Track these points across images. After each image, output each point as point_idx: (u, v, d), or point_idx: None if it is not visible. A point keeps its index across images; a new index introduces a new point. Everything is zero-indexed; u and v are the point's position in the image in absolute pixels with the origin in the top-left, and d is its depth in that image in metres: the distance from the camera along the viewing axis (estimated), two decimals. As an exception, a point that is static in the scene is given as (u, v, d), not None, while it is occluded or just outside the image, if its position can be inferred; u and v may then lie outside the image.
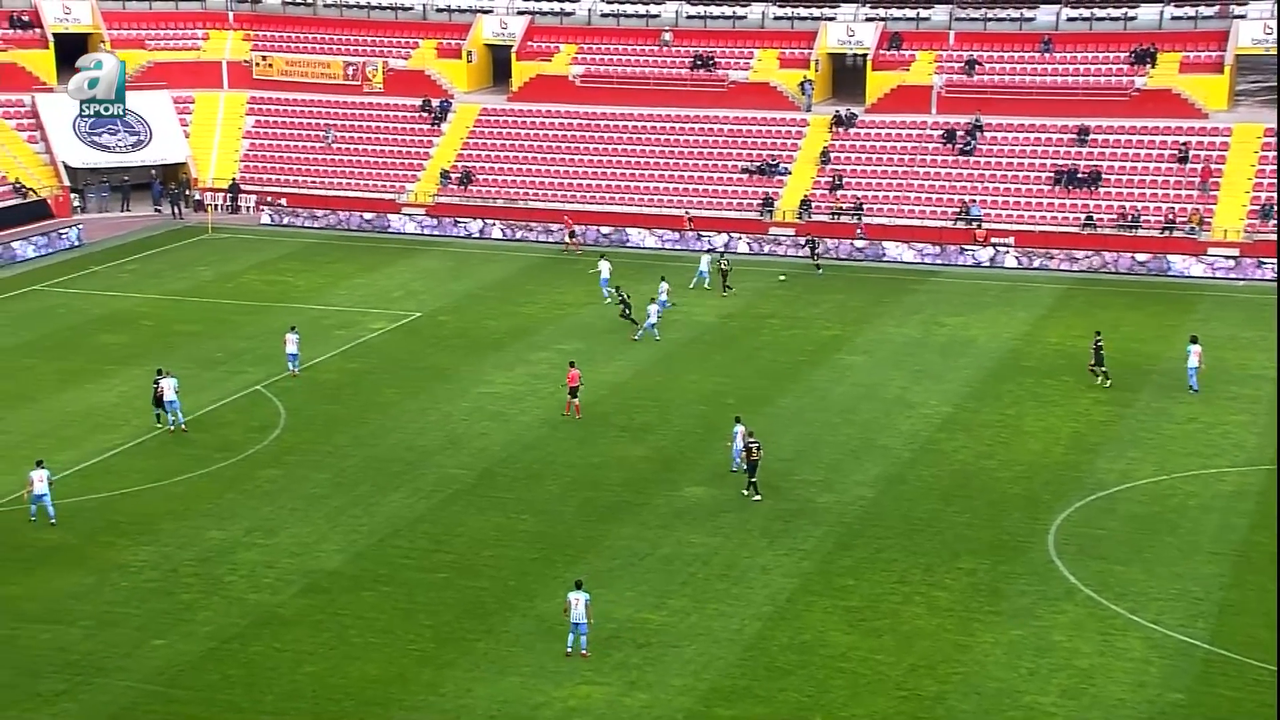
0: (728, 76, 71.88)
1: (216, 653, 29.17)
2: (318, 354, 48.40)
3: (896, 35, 71.33)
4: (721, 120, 70.26)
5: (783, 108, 70.50)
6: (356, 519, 35.73)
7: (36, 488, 35.14)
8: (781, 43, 73.01)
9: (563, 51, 74.75)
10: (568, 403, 42.65)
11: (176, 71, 74.53)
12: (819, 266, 59.85)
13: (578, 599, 29.01)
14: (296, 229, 67.38)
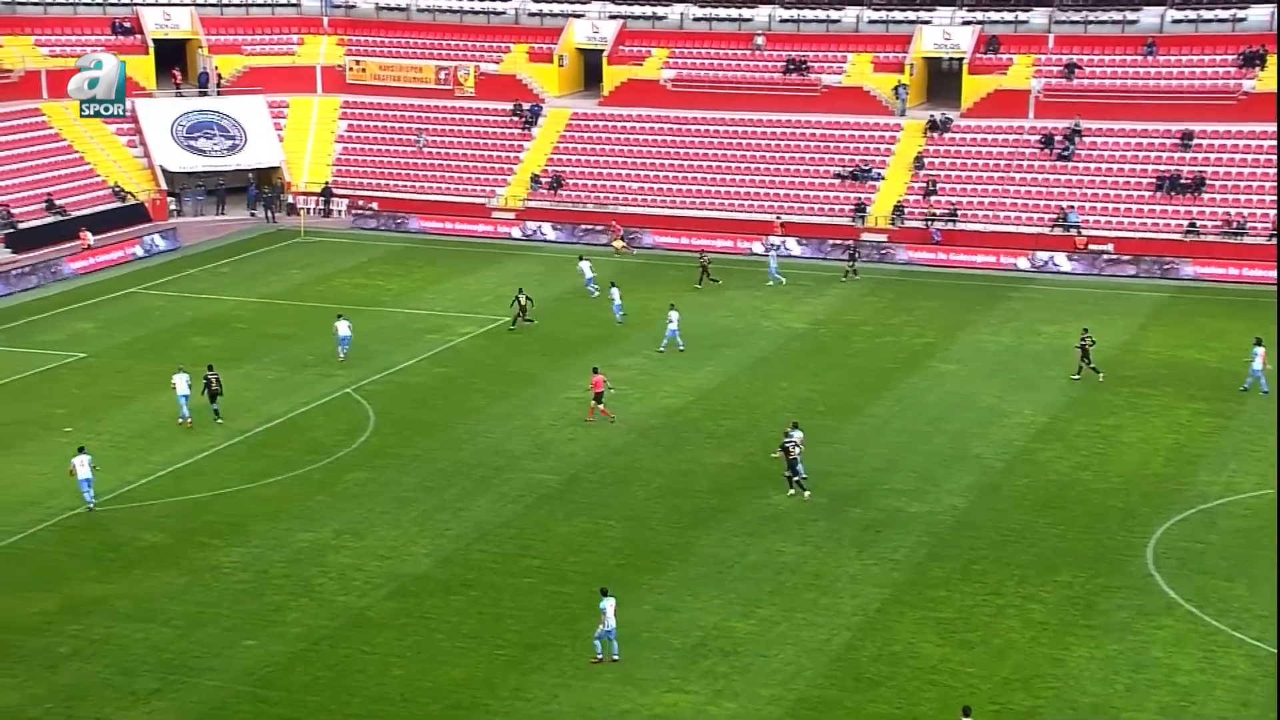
0: (820, 81, 71.60)
1: (306, 654, 29.57)
2: (406, 358, 48.94)
3: (994, 38, 70.61)
4: (814, 125, 70.02)
5: (876, 112, 70.08)
6: (444, 523, 36.05)
7: (80, 473, 35.89)
8: (876, 46, 72.59)
9: (654, 56, 74.93)
10: (591, 408, 42.77)
11: (272, 76, 75.80)
12: (855, 272, 59.30)
13: (609, 605, 29.05)
14: (387, 233, 68.16)
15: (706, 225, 66.06)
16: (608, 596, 29.43)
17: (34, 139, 68.34)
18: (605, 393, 42.69)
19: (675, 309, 50.04)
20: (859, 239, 61.66)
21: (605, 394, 42.57)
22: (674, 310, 49.91)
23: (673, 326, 49.49)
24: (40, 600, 31.40)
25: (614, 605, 29.26)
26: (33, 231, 62.80)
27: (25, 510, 36.02)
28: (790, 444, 37.14)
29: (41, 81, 71.07)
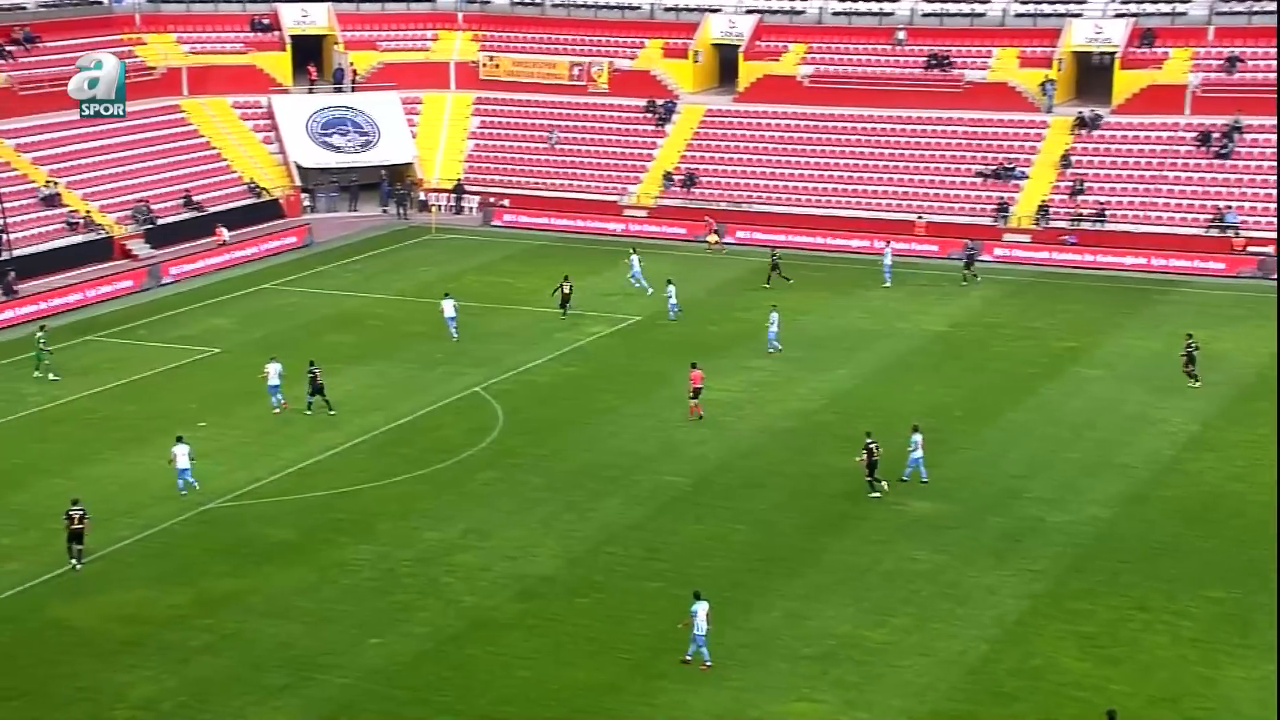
0: (964, 76, 70.63)
1: (432, 654, 29.95)
2: (535, 357, 49.36)
3: (1149, 32, 68.99)
4: (956, 122, 69.11)
5: (1021, 109, 68.95)
6: (571, 524, 36.28)
7: (179, 462, 37.10)
8: (1022, 41, 71.37)
9: (791, 51, 74.58)
10: (692, 405, 42.95)
11: (405, 72, 77.00)
12: (976, 276, 58.24)
13: (701, 608, 28.97)
14: (519, 230, 68.81)
15: (843, 225, 65.59)
16: (700, 600, 29.34)
17: (174, 135, 70.32)
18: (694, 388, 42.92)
19: (776, 310, 49.84)
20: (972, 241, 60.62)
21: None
22: (775, 312, 49.74)
23: (773, 329, 49.20)
24: (174, 594, 32.28)
25: (706, 609, 29.10)
26: (171, 227, 64.58)
27: (160, 504, 37.06)
28: (874, 445, 36.99)
29: (182, 78, 73.11)
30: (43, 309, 54.28)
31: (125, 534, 35.23)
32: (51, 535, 34.91)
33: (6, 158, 62.24)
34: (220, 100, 73.27)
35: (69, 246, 60.38)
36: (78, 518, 33.61)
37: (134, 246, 62.62)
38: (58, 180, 63.03)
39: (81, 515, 33.68)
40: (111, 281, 57.97)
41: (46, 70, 68.59)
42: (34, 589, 32.36)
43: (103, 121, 67.56)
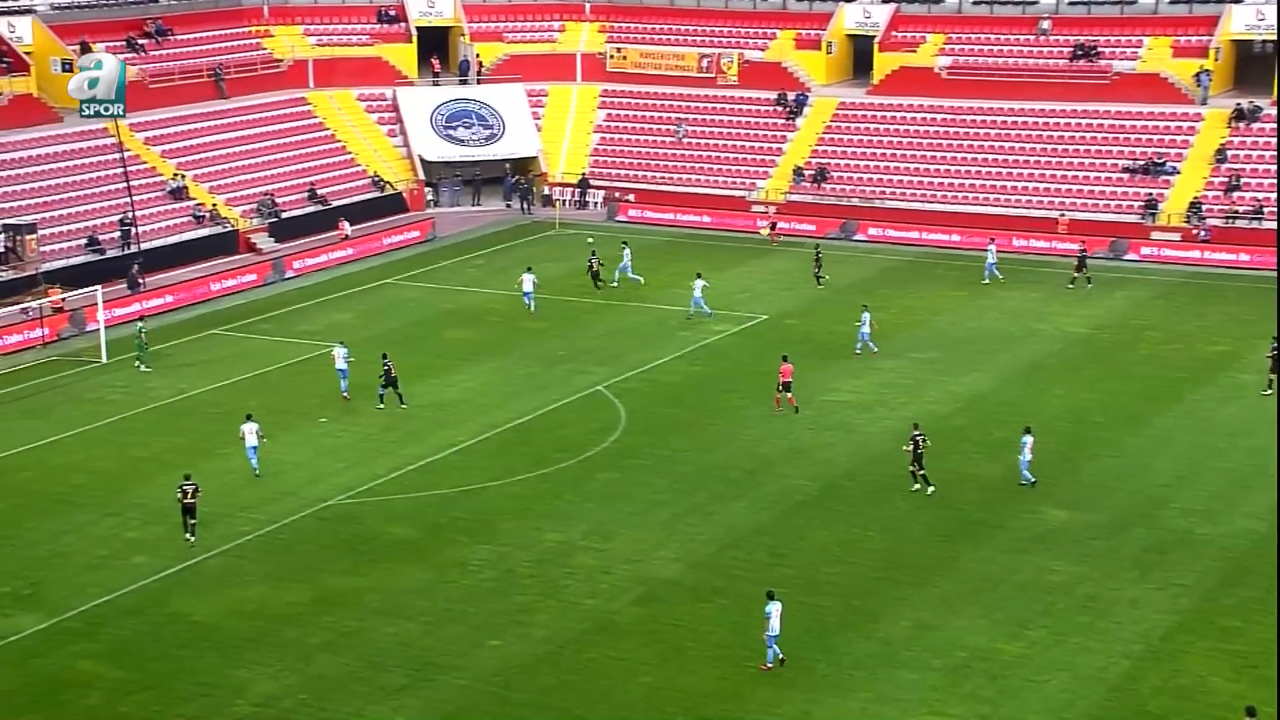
0: (1111, 67, 69.29)
1: (552, 657, 30.14)
2: (659, 356, 49.44)
3: (1313, 18, 67.08)
4: (1102, 115, 67.85)
5: (1173, 100, 67.48)
6: (694, 527, 36.27)
7: (247, 440, 38.32)
8: (1176, 29, 69.85)
9: (929, 42, 73.79)
10: (777, 397, 43.10)
11: (531, 64, 77.63)
12: (1088, 279, 56.93)
13: (775, 609, 29.04)
14: (644, 225, 68.99)
15: (982, 222, 64.74)
16: (773, 600, 29.35)
17: (299, 128, 71.68)
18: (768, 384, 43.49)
19: (868, 310, 49.42)
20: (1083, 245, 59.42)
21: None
22: (867, 312, 49.26)
23: (865, 329, 48.72)
24: (294, 590, 32.89)
25: (780, 609, 29.20)
26: (295, 221, 65.84)
27: (282, 500, 37.79)
28: (920, 437, 37.34)
29: (309, 71, 74.50)
30: (168, 302, 55.69)
31: (246, 529, 36.00)
32: (176, 530, 35.82)
33: (136, 150, 63.95)
34: (346, 93, 74.55)
35: (194, 240, 61.85)
36: (190, 492, 35.17)
37: (258, 240, 63.96)
38: (185, 173, 64.60)
39: (194, 490, 35.21)
40: (236, 275, 59.27)
41: (177, 63, 70.40)
42: (158, 583, 33.19)
43: (231, 114, 69.48)
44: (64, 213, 59.55)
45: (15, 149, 61.25)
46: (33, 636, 30.67)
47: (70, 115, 64.89)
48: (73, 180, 61.35)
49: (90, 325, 51.44)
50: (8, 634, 30.72)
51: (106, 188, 61.41)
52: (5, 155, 60.73)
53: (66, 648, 30.23)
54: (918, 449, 37.60)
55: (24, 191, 59.53)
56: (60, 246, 57.80)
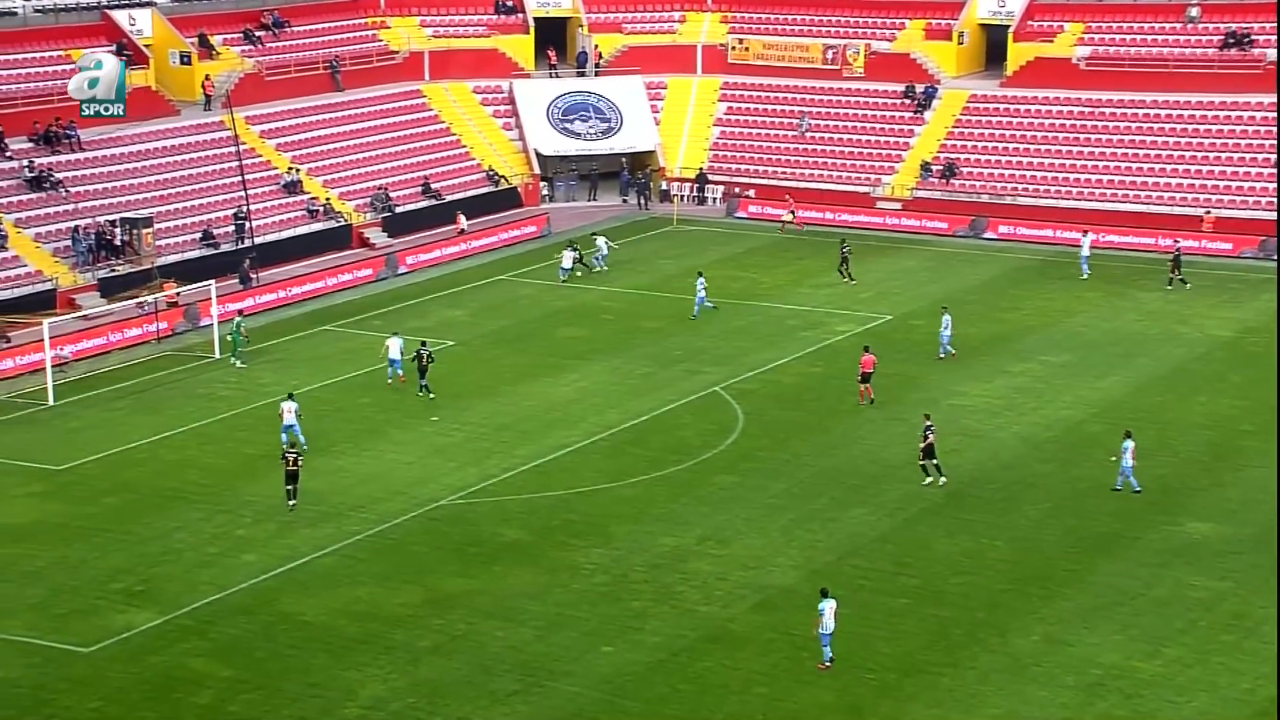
0: (1265, 56, 67.58)
1: (665, 665, 30.16)
2: (779, 356, 49.26)
3: None
4: (1254, 107, 66.28)
5: (1329, 90, 65.73)
6: (813, 533, 36.09)
7: (285, 419, 40.20)
8: (1335, 15, 68.03)
9: (1067, 31, 72.63)
10: (860, 390, 43.60)
11: (650, 56, 77.71)
12: (1185, 281, 55.49)
13: (829, 607, 29.35)
14: (764, 222, 68.79)
15: (1120, 219, 63.72)
16: (828, 598, 29.61)
17: (414, 121, 72.51)
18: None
19: (948, 312, 48.91)
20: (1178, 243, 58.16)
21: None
22: (947, 314, 48.72)
23: (945, 332, 48.23)
24: (405, 592, 33.27)
25: (834, 606, 29.45)
26: (408, 215, 66.62)
27: (392, 500, 38.26)
28: (930, 428, 37.97)
29: (424, 63, 75.34)
30: (280, 298, 56.64)
31: (356, 529, 36.50)
32: (286, 528, 36.46)
33: (252, 144, 65.16)
34: (461, 85, 75.28)
35: (308, 234, 62.83)
36: (292, 459, 37.31)
37: (371, 235, 64.81)
38: (299, 167, 65.68)
39: (296, 458, 37.29)
40: (349, 270, 60.11)
41: (294, 55, 71.61)
42: (268, 581, 33.76)
43: (345, 106, 70.51)
44: (179, 206, 60.82)
45: (132, 142, 62.69)
46: (145, 633, 31.37)
47: (188, 108, 66.39)
48: (188, 174, 62.64)
49: (203, 320, 52.50)
50: (121, 630, 31.45)
51: (221, 181, 62.62)
52: (123, 149, 62.17)
53: (178, 645, 30.88)
54: (928, 442, 37.98)
55: (141, 185, 60.89)
56: (175, 241, 59.04)
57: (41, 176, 58.14)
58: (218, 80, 67.49)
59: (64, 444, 42.21)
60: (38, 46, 63.97)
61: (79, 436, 42.83)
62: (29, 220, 56.72)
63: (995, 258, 61.93)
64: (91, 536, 36.06)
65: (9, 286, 53.12)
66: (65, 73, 62.11)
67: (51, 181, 58.30)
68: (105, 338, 50.87)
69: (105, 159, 61.21)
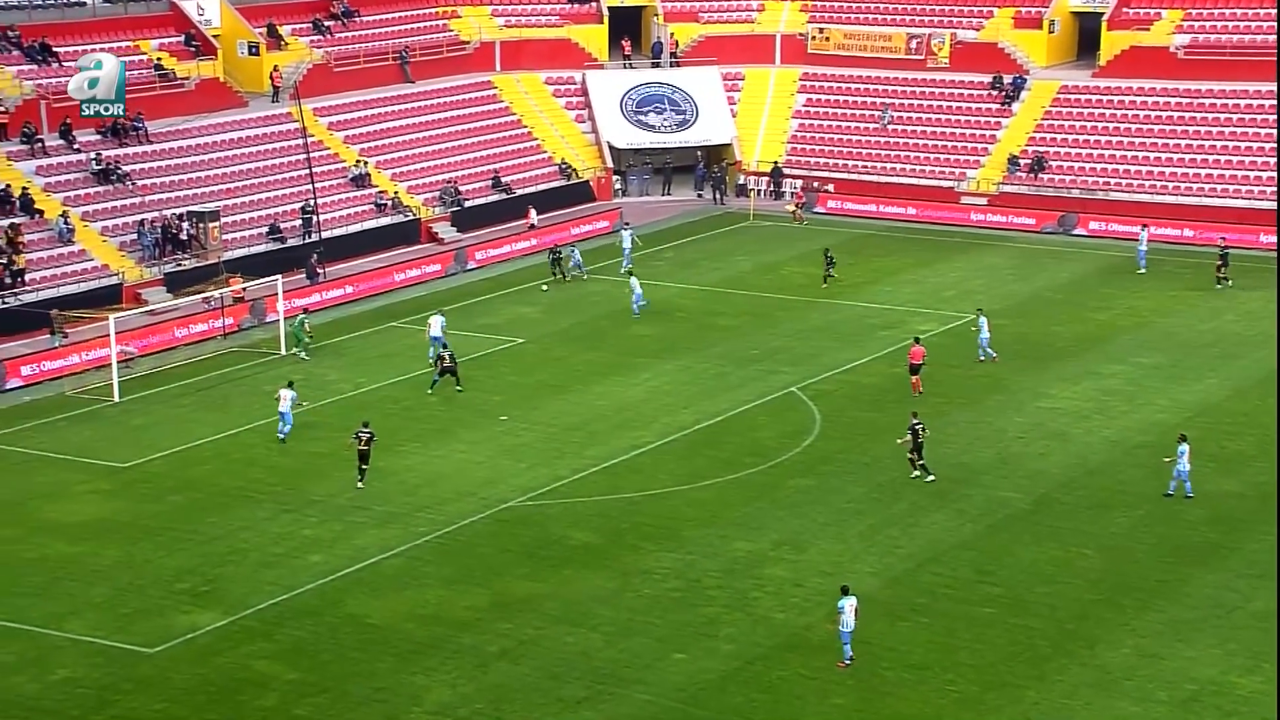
0: (1373, 43, 66.57)
1: (740, 673, 30.13)
2: (858, 356, 49.07)
3: None
4: (1359, 97, 65.26)
5: None
6: (893, 539, 35.94)
7: (281, 405, 41.72)
8: None
9: (1165, 19, 71.79)
10: (913, 381, 44.05)
11: (727, 46, 77.60)
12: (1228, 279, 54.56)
13: (849, 605, 29.71)
14: (843, 218, 68.53)
15: (1218, 215, 62.94)
16: (848, 595, 29.96)
17: (485, 113, 72.85)
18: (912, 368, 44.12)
19: (983, 314, 48.48)
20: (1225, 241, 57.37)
21: None
22: (983, 316, 48.31)
23: (983, 334, 47.74)
24: (472, 595, 33.45)
25: (854, 604, 29.76)
26: (478, 210, 66.94)
27: (460, 500, 38.49)
28: (920, 426, 38.46)
29: (495, 53, 75.72)
30: (347, 293, 57.13)
31: (424, 530, 36.75)
32: (353, 528, 36.78)
33: (320, 136, 65.77)
34: (533, 76, 75.57)
35: (376, 229, 63.31)
36: (365, 439, 38.53)
37: (440, 229, 65.22)
38: (368, 160, 66.21)
39: (369, 437, 38.55)
40: (417, 265, 60.52)
41: (363, 45, 72.19)
42: (334, 583, 34.06)
43: (415, 98, 71.00)
44: (246, 200, 61.49)
45: (200, 134, 63.44)
46: (211, 634, 31.75)
47: (256, 100, 67.09)
48: (255, 166, 63.32)
49: (270, 316, 53.06)
50: (186, 631, 31.85)
51: (289, 174, 63.25)
52: (190, 141, 62.92)
53: (243, 647, 31.24)
54: (917, 438, 38.38)
55: (207, 178, 61.60)
56: (242, 235, 59.70)
57: (108, 169, 58.99)
58: (286, 71, 68.18)
59: (129, 441, 42.82)
60: (106, 38, 64.87)
61: (144, 434, 43.43)
62: (96, 214, 57.56)
63: (1085, 255, 61.33)
64: (156, 535, 36.56)
65: (75, 281, 53.91)
66: (133, 64, 63.06)
67: (118, 174, 59.13)
68: (171, 333, 51.57)
69: (172, 151, 62.01)
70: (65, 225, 55.55)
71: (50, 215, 55.95)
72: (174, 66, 64.90)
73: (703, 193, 72.55)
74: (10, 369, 47.55)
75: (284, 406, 42.30)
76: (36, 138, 58.38)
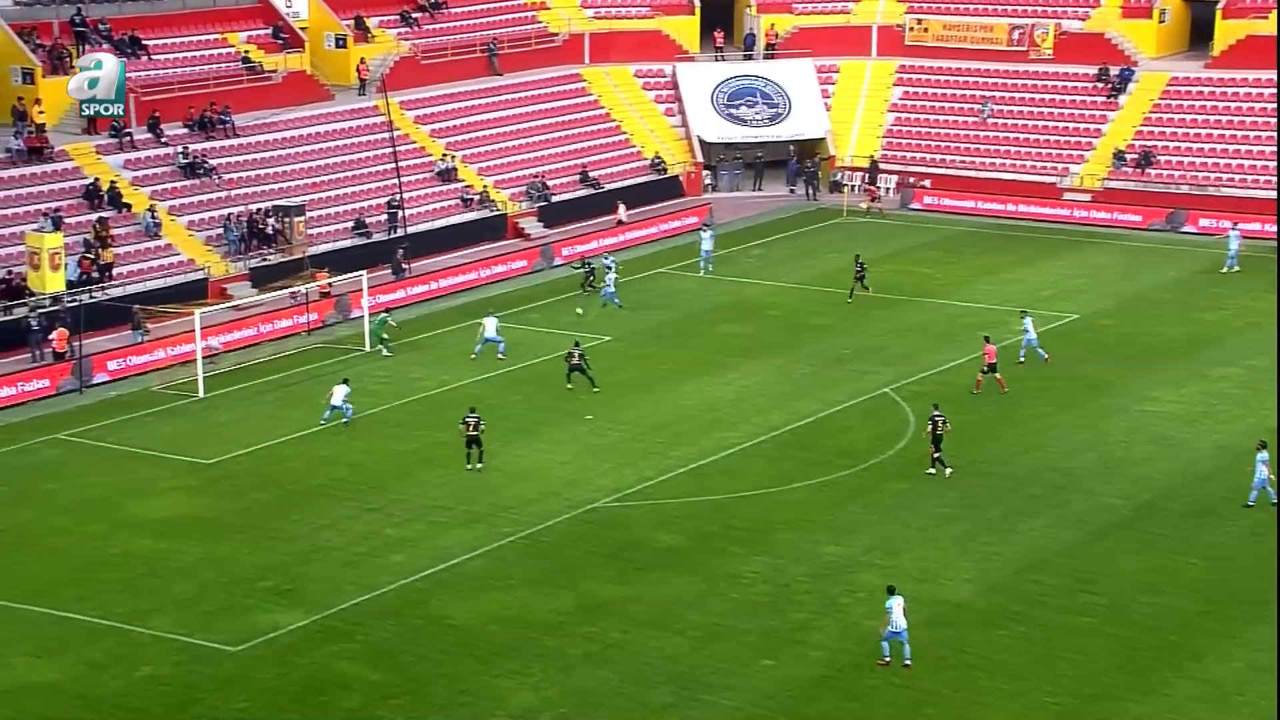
0: None
1: (829, 681, 30.04)
2: (953, 357, 48.72)
3: None
4: None
5: None
6: (989, 546, 35.65)
7: (334, 399, 43.07)
8: None
9: (1283, 7, 70.62)
10: (979, 379, 44.50)
11: (822, 37, 77.23)
12: None
13: (897, 604, 29.80)
14: (940, 214, 68.05)
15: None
16: (895, 595, 30.11)
17: (573, 106, 73.08)
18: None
19: (1028, 316, 48.08)
20: None
21: None
22: (1028, 317, 48.01)
23: (1030, 335, 47.46)
24: (556, 597, 33.59)
25: (901, 604, 29.93)
26: (565, 205, 67.13)
27: (545, 501, 38.66)
28: (940, 419, 38.95)
29: (585, 45, 75.89)
30: (433, 289, 57.55)
31: (508, 530, 36.95)
32: (436, 528, 37.06)
33: (406, 130, 66.30)
34: (623, 68, 75.68)
35: (461, 224, 63.69)
36: (473, 425, 39.98)
37: (527, 225, 65.51)
38: (454, 154, 66.65)
39: (476, 423, 40.02)
40: (504, 261, 60.81)
41: (450, 38, 72.69)
42: (417, 583, 34.35)
43: (503, 90, 71.39)
44: (332, 194, 62.13)
45: (286, 127, 64.17)
46: (292, 634, 32.13)
47: (342, 93, 67.78)
48: (342, 160, 63.94)
49: (354, 312, 53.59)
50: (268, 630, 32.26)
51: (375, 169, 63.83)
52: (276, 134, 63.70)
53: (326, 647, 31.58)
54: (936, 430, 38.82)
55: (293, 172, 62.32)
56: (327, 230, 60.33)
57: (195, 163, 59.86)
58: (373, 64, 68.82)
59: (213, 437, 43.44)
60: (194, 30, 65.82)
61: (228, 430, 44.04)
62: (182, 208, 58.44)
63: (1194, 253, 60.47)
64: (239, 533, 37.06)
65: (161, 275, 54.76)
66: (221, 56, 63.95)
67: (205, 168, 59.99)
68: (255, 329, 52.23)
69: (259, 145, 62.78)
70: (152, 219, 56.47)
71: (138, 209, 56.90)
72: (261, 59, 65.69)
73: (795, 188, 72.32)
74: (97, 364, 48.39)
75: (336, 400, 43.39)
76: (125, 131, 59.34)
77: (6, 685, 30.10)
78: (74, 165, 57.50)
